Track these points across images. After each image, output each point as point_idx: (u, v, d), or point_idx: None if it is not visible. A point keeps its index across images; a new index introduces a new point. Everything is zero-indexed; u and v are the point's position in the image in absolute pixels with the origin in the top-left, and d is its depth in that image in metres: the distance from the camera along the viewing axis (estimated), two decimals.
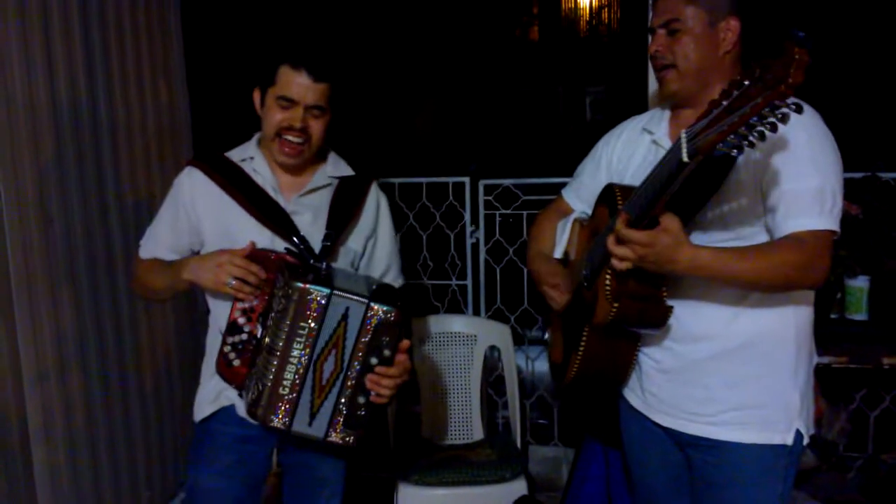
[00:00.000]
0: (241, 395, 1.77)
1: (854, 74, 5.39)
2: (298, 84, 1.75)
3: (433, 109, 9.13)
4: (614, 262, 1.50)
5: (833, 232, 1.54)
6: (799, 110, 1.18)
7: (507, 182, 3.37)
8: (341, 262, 1.86)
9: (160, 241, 1.91)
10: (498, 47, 9.28)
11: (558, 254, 1.91)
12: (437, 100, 9.10)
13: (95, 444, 2.56)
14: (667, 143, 1.71)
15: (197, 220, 1.85)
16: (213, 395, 1.87)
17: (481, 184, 3.38)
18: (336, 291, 1.62)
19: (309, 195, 1.87)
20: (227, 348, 1.75)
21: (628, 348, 1.73)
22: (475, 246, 3.41)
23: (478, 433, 3.00)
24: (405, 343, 1.71)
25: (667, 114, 1.77)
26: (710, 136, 1.25)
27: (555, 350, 1.96)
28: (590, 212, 1.88)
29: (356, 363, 1.67)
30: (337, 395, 1.68)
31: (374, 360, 1.67)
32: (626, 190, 1.62)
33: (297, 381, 1.65)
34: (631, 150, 1.83)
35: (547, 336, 2.02)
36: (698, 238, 1.59)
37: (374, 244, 1.97)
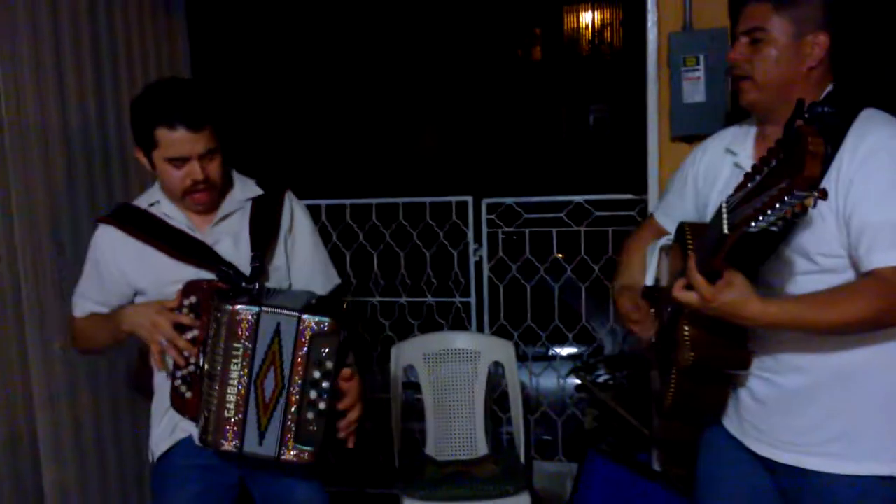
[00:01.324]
0: (197, 426, 1.77)
1: None
2: (182, 141, 1.72)
3: (436, 129, 9.20)
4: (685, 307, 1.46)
5: None
6: (824, 196, 1.13)
7: (509, 201, 3.41)
8: (272, 281, 1.88)
9: (90, 299, 1.91)
10: (501, 67, 9.37)
11: (650, 280, 1.83)
12: (441, 119, 9.17)
13: (105, 463, 2.59)
14: (748, 166, 1.58)
15: (122, 275, 1.86)
16: (169, 430, 1.89)
17: (484, 202, 3.43)
18: (264, 308, 1.64)
19: (222, 222, 1.88)
20: (177, 382, 1.77)
21: (719, 386, 1.67)
22: (478, 263, 3.45)
23: (482, 448, 3.02)
24: (346, 372, 1.72)
25: (752, 131, 1.67)
26: (746, 213, 1.21)
27: (654, 378, 1.89)
28: None
29: (297, 378, 1.66)
30: (283, 412, 1.67)
31: (316, 374, 1.67)
32: (697, 229, 1.55)
33: (241, 402, 1.66)
34: (714, 173, 1.73)
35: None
36: (777, 269, 1.53)
37: (293, 247, 1.95)
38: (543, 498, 3.28)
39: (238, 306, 1.63)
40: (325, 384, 1.67)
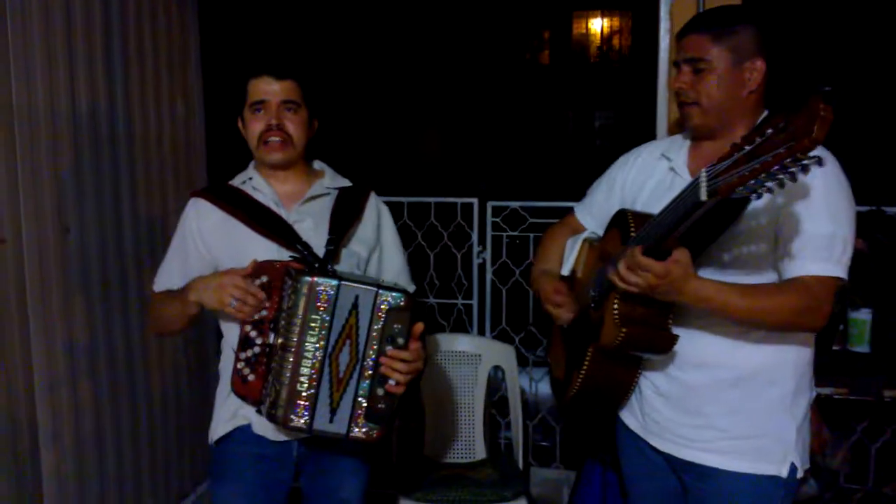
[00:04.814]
0: (258, 412, 1.77)
1: (862, 109, 5.43)
2: (264, 87, 1.84)
3: (443, 130, 9.19)
4: (622, 285, 1.52)
5: (839, 279, 1.55)
6: (820, 163, 1.18)
7: (514, 204, 3.41)
8: (345, 266, 1.89)
9: (172, 274, 1.93)
10: (508, 70, 9.37)
11: (566, 271, 1.93)
12: (447, 121, 9.17)
13: (102, 451, 2.59)
14: (684, 172, 1.73)
15: (207, 249, 1.89)
16: (229, 414, 1.88)
17: (489, 205, 3.42)
18: (344, 282, 1.65)
19: (309, 203, 1.91)
20: (240, 364, 1.76)
21: (629, 371, 1.75)
22: (482, 266, 3.45)
23: (480, 452, 3.02)
24: (418, 326, 1.70)
25: (687, 143, 1.78)
26: (731, 180, 1.26)
27: (556, 367, 1.98)
28: (600, 232, 1.89)
29: (371, 352, 1.67)
30: (355, 388, 1.68)
31: (388, 349, 1.67)
32: (640, 217, 1.64)
33: (315, 376, 1.66)
34: (646, 175, 1.84)
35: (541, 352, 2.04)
36: (714, 277, 1.60)
37: (381, 254, 1.99)
38: None
39: (318, 278, 1.64)
40: (392, 353, 1.68)
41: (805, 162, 1.17)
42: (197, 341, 3.18)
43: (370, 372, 1.68)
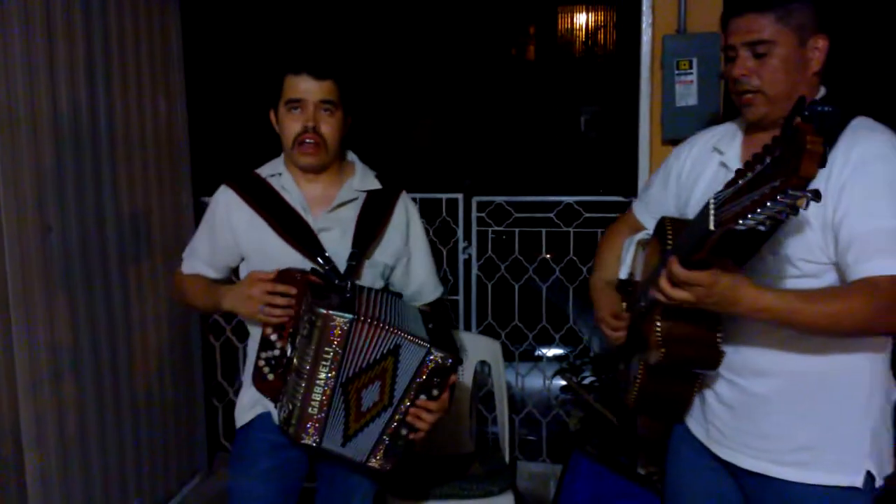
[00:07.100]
0: (276, 406, 1.83)
1: None
2: (303, 86, 1.83)
3: (429, 126, 9.19)
4: (669, 301, 1.42)
5: None
6: (817, 198, 1.10)
7: (499, 199, 3.41)
8: (367, 277, 1.90)
9: (200, 257, 1.98)
10: (494, 66, 9.37)
11: (623, 274, 1.82)
12: (434, 116, 9.16)
13: (87, 451, 2.58)
14: (735, 166, 1.55)
15: (236, 241, 1.91)
16: (251, 402, 1.93)
17: (474, 200, 3.42)
18: (382, 324, 1.67)
19: (337, 210, 1.90)
20: (261, 363, 1.81)
21: (685, 385, 1.66)
22: (467, 262, 3.45)
23: (467, 447, 3.02)
24: (453, 378, 1.77)
25: (740, 134, 1.66)
26: (733, 211, 1.18)
27: (621, 373, 1.88)
28: None
29: (407, 401, 1.73)
30: (383, 428, 1.75)
31: (421, 397, 1.74)
32: (679, 224, 1.55)
33: (325, 401, 1.70)
34: (700, 169, 1.71)
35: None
36: (758, 270, 1.50)
37: (409, 259, 2.00)
38: (527, 498, 3.28)
39: (332, 312, 1.64)
40: (422, 403, 1.76)
41: (799, 197, 1.09)
42: (181, 341, 3.17)
43: (400, 417, 1.75)
